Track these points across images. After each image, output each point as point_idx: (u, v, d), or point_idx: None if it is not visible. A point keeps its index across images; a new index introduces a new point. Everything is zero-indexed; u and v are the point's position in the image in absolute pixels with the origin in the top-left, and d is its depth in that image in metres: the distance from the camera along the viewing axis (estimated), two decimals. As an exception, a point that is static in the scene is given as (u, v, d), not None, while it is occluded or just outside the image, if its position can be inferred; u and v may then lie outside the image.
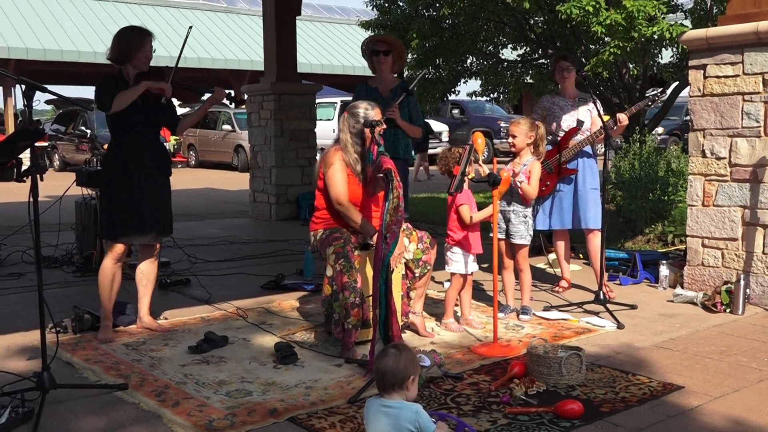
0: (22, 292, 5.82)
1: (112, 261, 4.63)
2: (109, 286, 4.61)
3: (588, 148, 5.67)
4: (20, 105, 20.31)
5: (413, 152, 15.43)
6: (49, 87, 3.61)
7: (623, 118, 5.45)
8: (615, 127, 5.47)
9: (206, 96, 4.93)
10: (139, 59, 4.59)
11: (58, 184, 6.98)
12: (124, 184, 4.56)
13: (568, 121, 5.70)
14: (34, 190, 3.44)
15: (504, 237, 5.04)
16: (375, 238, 4.09)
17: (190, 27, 5.28)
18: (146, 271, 4.79)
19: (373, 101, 5.55)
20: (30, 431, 3.23)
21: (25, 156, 3.54)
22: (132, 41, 4.60)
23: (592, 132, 5.59)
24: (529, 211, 5.03)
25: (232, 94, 5.04)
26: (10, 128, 22.39)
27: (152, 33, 4.69)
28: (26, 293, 5.76)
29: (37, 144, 3.52)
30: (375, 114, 4.39)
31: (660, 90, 5.69)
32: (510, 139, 5.09)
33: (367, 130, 4.27)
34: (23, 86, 3.44)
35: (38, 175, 3.45)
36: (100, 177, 4.72)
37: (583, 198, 5.60)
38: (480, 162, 4.66)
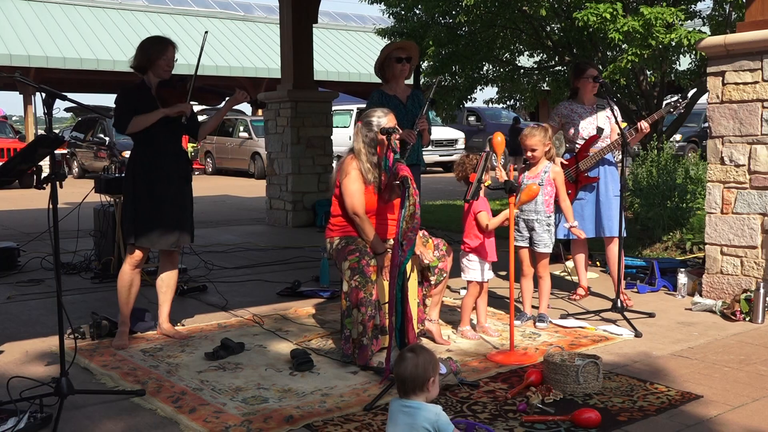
0: (42, 298, 5.87)
1: (130, 267, 4.66)
2: (126, 292, 4.64)
3: (609, 156, 5.64)
4: (40, 113, 20.54)
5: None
6: (69, 95, 3.66)
7: (645, 126, 5.41)
8: (635, 135, 5.43)
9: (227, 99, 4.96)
10: (159, 66, 4.62)
11: (77, 191, 7.05)
12: (145, 190, 4.60)
13: (587, 128, 5.67)
14: (53, 197, 3.48)
15: (527, 245, 5.02)
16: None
17: (206, 32, 5.28)
18: (166, 279, 4.82)
19: (395, 109, 5.55)
20: (48, 436, 3.25)
21: (45, 163, 3.57)
22: (153, 48, 4.65)
23: (612, 140, 5.56)
24: (552, 219, 5.01)
25: (256, 99, 5.03)
26: (30, 136, 22.65)
27: (175, 43, 4.72)
28: (45, 299, 5.81)
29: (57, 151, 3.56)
30: (388, 121, 4.37)
31: (681, 96, 5.64)
32: (529, 153, 5.02)
33: (383, 137, 4.26)
34: (43, 94, 3.49)
35: (58, 183, 3.49)
36: (123, 183, 4.79)
37: (606, 206, 5.57)
38: (499, 164, 4.65)
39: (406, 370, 2.71)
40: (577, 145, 5.70)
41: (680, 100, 5.70)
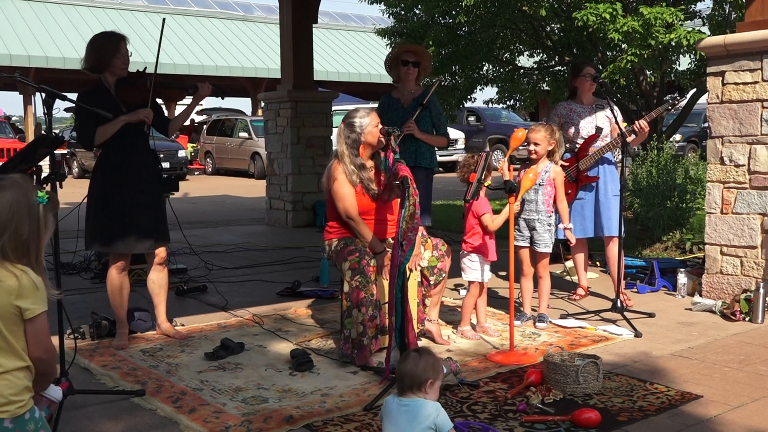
0: (41, 298, 5.86)
1: (117, 270, 4.59)
2: (118, 295, 4.61)
3: (609, 155, 5.64)
4: (40, 113, 20.52)
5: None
6: (69, 95, 3.65)
7: (644, 125, 5.39)
8: (636, 136, 5.40)
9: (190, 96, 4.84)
10: (116, 65, 4.49)
11: (77, 191, 7.03)
12: (116, 192, 4.47)
13: (586, 128, 5.67)
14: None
15: (527, 245, 5.02)
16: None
17: (164, 19, 5.04)
18: (156, 279, 4.76)
19: (395, 112, 5.55)
20: (48, 436, 3.25)
21: (45, 163, 3.57)
22: (107, 47, 4.49)
23: (612, 138, 5.56)
24: (553, 219, 5.01)
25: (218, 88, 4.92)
26: (30, 136, 22.66)
27: (126, 37, 4.57)
28: (45, 299, 5.79)
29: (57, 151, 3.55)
30: (370, 120, 4.34)
31: (677, 94, 5.62)
32: (531, 147, 4.99)
33: (382, 138, 4.25)
34: (43, 94, 3.48)
35: (58, 183, 3.49)
36: (91, 184, 4.57)
37: (605, 205, 5.57)
38: (506, 159, 4.74)
39: (406, 367, 2.75)
40: (576, 145, 5.70)
41: (677, 97, 5.66)
